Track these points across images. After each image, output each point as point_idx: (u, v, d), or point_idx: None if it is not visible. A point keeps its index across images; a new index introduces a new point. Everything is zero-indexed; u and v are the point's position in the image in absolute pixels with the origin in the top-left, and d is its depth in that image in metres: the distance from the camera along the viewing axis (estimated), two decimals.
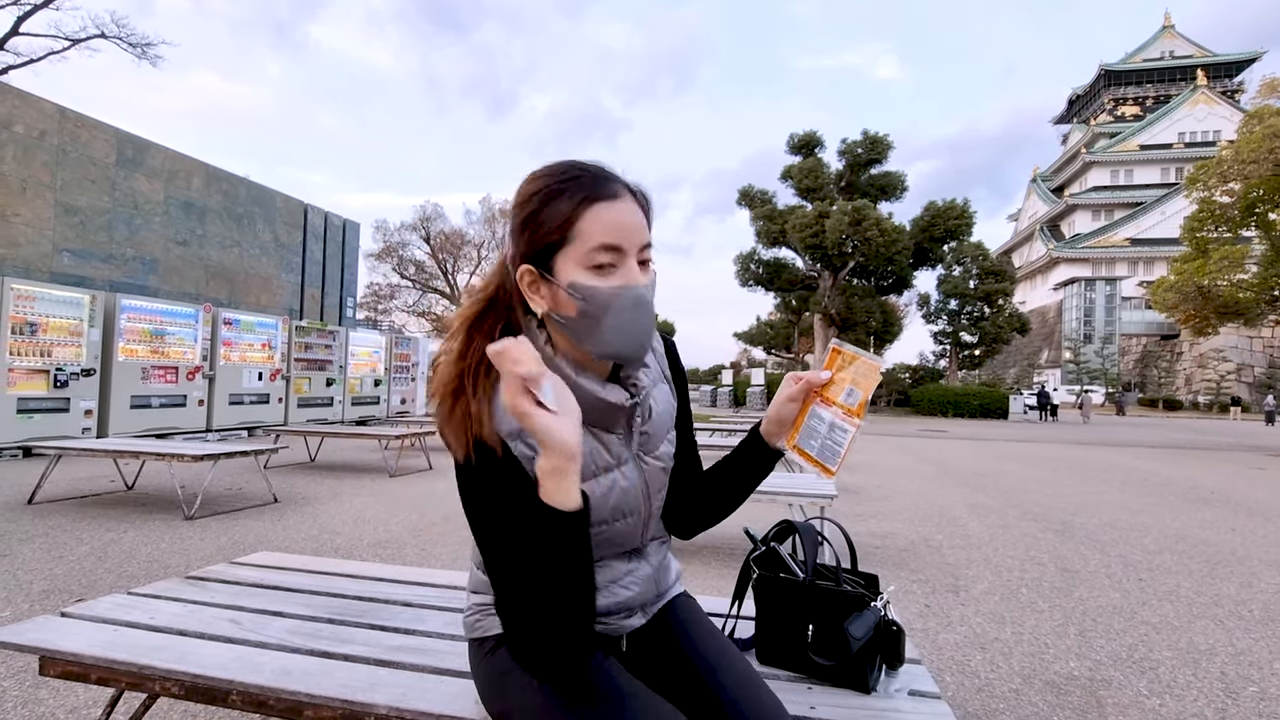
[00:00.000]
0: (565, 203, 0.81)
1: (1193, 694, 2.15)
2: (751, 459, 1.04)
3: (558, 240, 0.81)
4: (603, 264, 0.81)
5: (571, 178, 0.83)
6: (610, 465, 0.92)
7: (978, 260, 27.53)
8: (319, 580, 1.71)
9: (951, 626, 2.71)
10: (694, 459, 1.11)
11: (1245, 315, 15.04)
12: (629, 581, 0.99)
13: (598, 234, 0.80)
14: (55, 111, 9.22)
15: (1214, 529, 4.95)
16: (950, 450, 11.30)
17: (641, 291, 0.83)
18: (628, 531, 0.96)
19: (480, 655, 0.99)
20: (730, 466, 1.06)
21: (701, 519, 1.09)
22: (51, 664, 1.25)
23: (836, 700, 1.12)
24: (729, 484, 1.06)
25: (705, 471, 1.10)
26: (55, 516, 4.26)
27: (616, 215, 0.81)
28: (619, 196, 0.82)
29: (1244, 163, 13.70)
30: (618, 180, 0.84)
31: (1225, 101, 49.09)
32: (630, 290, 0.82)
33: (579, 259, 0.81)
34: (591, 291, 0.81)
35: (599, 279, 0.81)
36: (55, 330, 7.55)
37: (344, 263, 15.40)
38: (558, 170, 0.84)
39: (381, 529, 4.21)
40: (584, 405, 0.81)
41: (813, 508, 3.67)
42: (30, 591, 2.80)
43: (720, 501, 1.07)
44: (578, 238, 0.81)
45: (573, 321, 0.83)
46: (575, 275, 0.81)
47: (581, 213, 0.81)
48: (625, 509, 0.93)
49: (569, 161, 0.85)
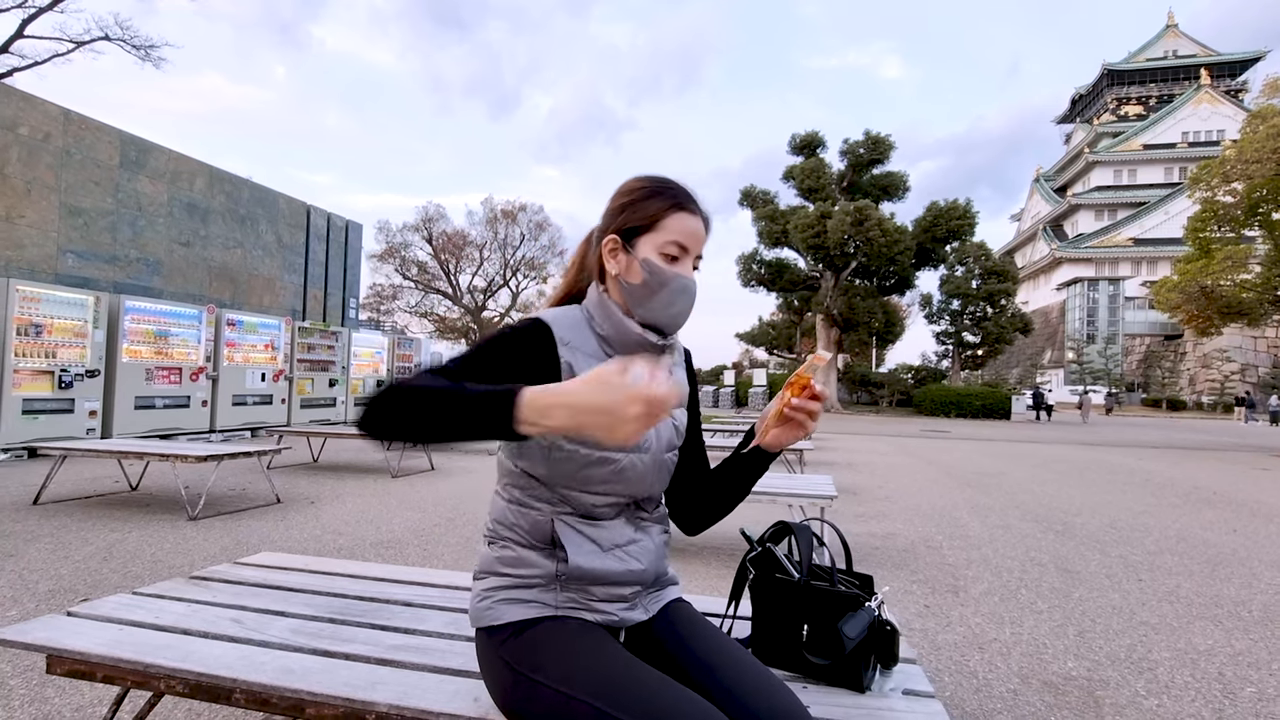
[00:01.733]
0: (660, 201, 1.05)
1: (1190, 694, 2.16)
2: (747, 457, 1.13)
3: (644, 226, 1.05)
4: (671, 255, 1.05)
5: (669, 186, 1.07)
6: None
7: (980, 260, 27.47)
8: (321, 580, 1.73)
9: (950, 627, 2.72)
10: (702, 457, 1.23)
11: (1249, 315, 14.99)
12: (636, 551, 1.06)
13: (674, 232, 1.05)
14: (59, 114, 9.27)
15: (1215, 530, 4.95)
16: (952, 451, 11.29)
17: (690, 282, 1.07)
18: (640, 470, 1.05)
19: (491, 646, 1.01)
20: (731, 465, 1.15)
21: (707, 513, 1.19)
22: (58, 662, 1.27)
23: (831, 699, 1.13)
24: (731, 480, 1.15)
25: (710, 471, 1.20)
26: (60, 517, 4.29)
27: (691, 225, 1.06)
28: (695, 213, 1.07)
29: (1247, 162, 13.66)
30: (698, 202, 1.09)
31: (1229, 101, 48.95)
32: (684, 278, 1.06)
33: (656, 245, 1.05)
34: (658, 269, 1.04)
35: (664, 264, 1.04)
36: (60, 331, 7.59)
37: (346, 264, 15.44)
38: (660, 179, 1.09)
39: (383, 529, 4.23)
40: (622, 338, 1.06)
41: (812, 508, 3.68)
42: (36, 591, 2.82)
43: (723, 497, 1.16)
44: (659, 230, 1.05)
45: (635, 288, 1.05)
46: (649, 254, 1.04)
47: (668, 213, 1.05)
48: (639, 443, 1.04)
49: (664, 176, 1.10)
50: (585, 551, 1.01)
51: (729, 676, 0.95)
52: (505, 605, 1.01)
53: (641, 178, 1.10)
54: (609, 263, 1.08)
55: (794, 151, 28.35)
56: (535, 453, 1.02)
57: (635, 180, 1.10)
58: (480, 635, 1.04)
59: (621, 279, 1.06)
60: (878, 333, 27.87)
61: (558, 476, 1.02)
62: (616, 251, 1.07)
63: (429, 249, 34.59)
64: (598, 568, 1.01)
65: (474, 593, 1.07)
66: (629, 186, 1.09)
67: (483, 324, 34.09)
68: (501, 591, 1.03)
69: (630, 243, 1.06)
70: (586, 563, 1.01)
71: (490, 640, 1.01)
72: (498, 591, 1.03)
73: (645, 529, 1.11)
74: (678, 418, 1.13)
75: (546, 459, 1.01)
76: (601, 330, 1.07)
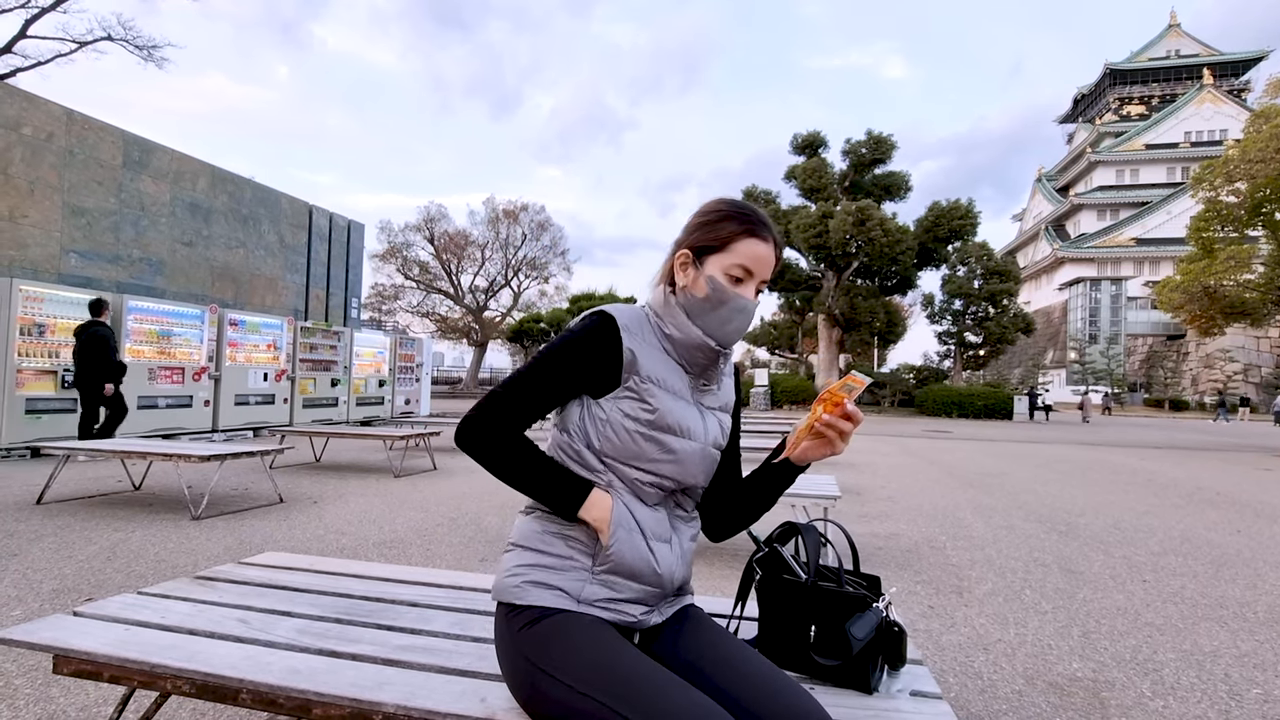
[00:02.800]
0: (732, 225, 1.12)
1: (1196, 696, 2.15)
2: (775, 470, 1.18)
3: (715, 246, 1.12)
4: (736, 276, 1.12)
5: (744, 212, 1.13)
6: (682, 394, 1.15)
7: (982, 260, 27.41)
8: (326, 580, 1.73)
9: (955, 627, 2.72)
10: (736, 465, 1.28)
11: (1252, 315, 14.96)
12: (667, 553, 1.12)
13: (742, 256, 1.11)
14: (62, 114, 9.28)
15: (1220, 530, 4.93)
16: (954, 451, 11.27)
17: (749, 303, 1.13)
18: (688, 455, 1.12)
19: (510, 628, 1.04)
20: (759, 476, 1.20)
21: (733, 521, 1.24)
22: (65, 662, 1.26)
23: (838, 700, 1.13)
24: (757, 490, 1.20)
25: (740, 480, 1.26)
26: (64, 516, 4.29)
27: (760, 251, 1.12)
28: (765, 240, 1.12)
29: (1250, 162, 13.63)
30: (770, 229, 1.14)
31: (1232, 100, 48.84)
32: (743, 299, 1.12)
33: (723, 265, 1.11)
34: (721, 287, 1.11)
35: (734, 285, 1.11)
36: (63, 331, 7.60)
37: (348, 263, 15.46)
38: (738, 204, 1.15)
39: (387, 529, 4.23)
40: (683, 338, 1.13)
41: (816, 509, 3.68)
42: (40, 591, 2.83)
43: (749, 506, 1.22)
44: (729, 252, 1.11)
45: (698, 301, 1.12)
46: (715, 273, 1.11)
47: (739, 238, 1.11)
48: (690, 428, 1.13)
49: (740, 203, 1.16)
50: (625, 535, 1.07)
51: (746, 679, 0.95)
52: (533, 588, 1.05)
53: (722, 201, 1.17)
54: (679, 274, 1.15)
55: (796, 151, 28.34)
56: (591, 428, 1.11)
57: (716, 203, 1.17)
58: (501, 609, 1.08)
59: (688, 290, 1.14)
60: (879, 333, 27.85)
61: (609, 448, 1.10)
62: (687, 265, 1.14)
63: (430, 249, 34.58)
64: (634, 563, 1.08)
65: (503, 565, 1.11)
66: (709, 208, 1.17)
67: (484, 324, 34.06)
68: (533, 571, 1.07)
69: (700, 260, 1.13)
70: (628, 552, 1.07)
71: (509, 621, 1.04)
72: (529, 570, 1.07)
73: (679, 528, 1.17)
74: (721, 420, 1.20)
75: (601, 433, 1.10)
76: (666, 330, 1.15)
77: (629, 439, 1.09)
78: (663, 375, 1.12)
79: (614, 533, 1.06)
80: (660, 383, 1.12)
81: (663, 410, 1.10)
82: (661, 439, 1.10)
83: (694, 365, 1.17)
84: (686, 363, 1.17)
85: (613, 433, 1.10)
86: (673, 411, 1.11)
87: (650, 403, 1.10)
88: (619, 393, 1.10)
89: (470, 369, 35.64)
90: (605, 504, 1.07)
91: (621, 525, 1.07)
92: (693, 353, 1.15)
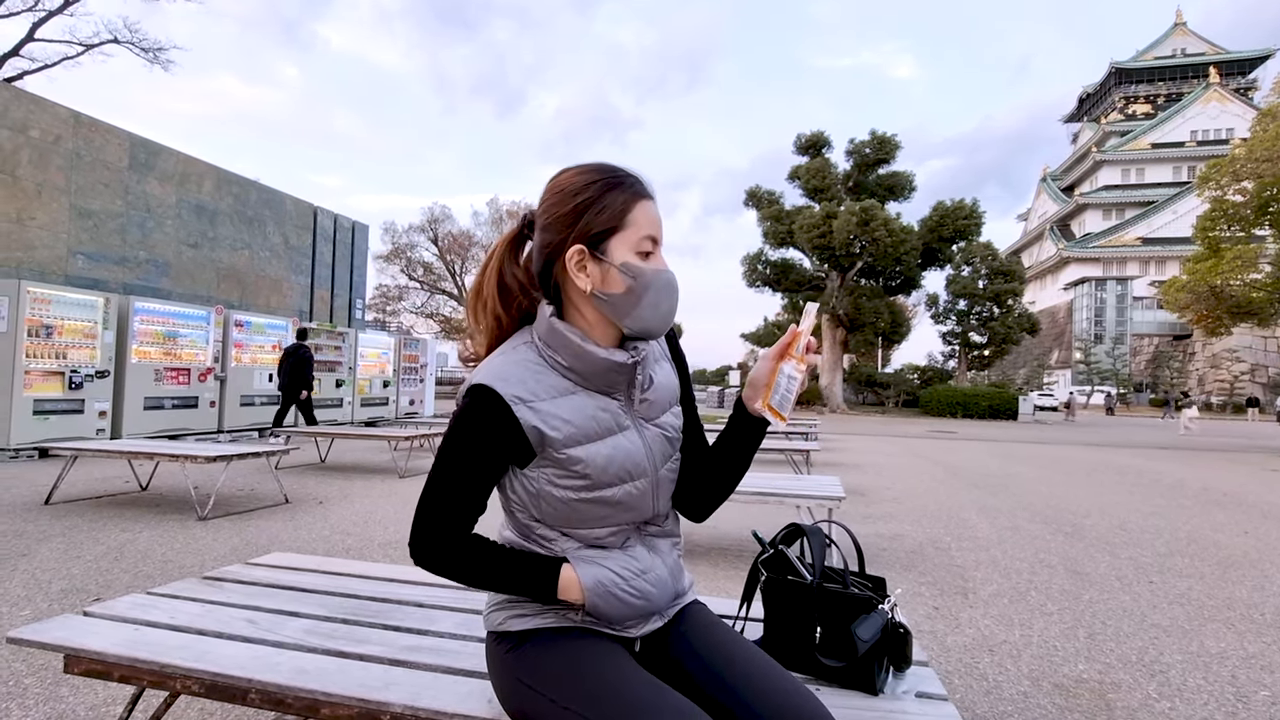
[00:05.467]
0: (622, 194, 0.94)
1: (1203, 698, 2.14)
2: (739, 429, 1.05)
3: (614, 226, 0.93)
4: (645, 251, 0.95)
5: (622, 175, 0.96)
6: (613, 429, 0.99)
7: (987, 260, 27.37)
8: (332, 581, 1.74)
9: (960, 629, 2.71)
10: (699, 437, 1.13)
11: (1259, 315, 14.88)
12: (653, 580, 1.02)
13: (644, 225, 0.95)
14: (69, 116, 9.34)
15: (1226, 531, 4.91)
16: (959, 451, 11.24)
17: (672, 275, 0.97)
18: (638, 497, 1.00)
19: (499, 651, 1.01)
20: (724, 440, 1.07)
21: (709, 496, 1.10)
22: (75, 662, 1.28)
23: (844, 701, 1.13)
24: (726, 457, 1.07)
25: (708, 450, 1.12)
26: (72, 517, 4.32)
27: (655, 213, 0.97)
28: (653, 198, 0.97)
29: (1257, 161, 13.56)
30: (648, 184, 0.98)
31: (1238, 99, 48.60)
32: (665, 273, 0.96)
33: (631, 244, 0.94)
34: (640, 271, 0.94)
35: (644, 263, 0.95)
36: (70, 333, 7.65)
37: (353, 264, 15.50)
38: (605, 167, 0.97)
39: (392, 530, 4.24)
40: (589, 369, 0.96)
41: (821, 510, 3.68)
42: (49, 590, 2.85)
43: (722, 476, 1.08)
44: (629, 226, 0.94)
45: (619, 298, 0.94)
46: (627, 257, 0.94)
47: (633, 205, 0.94)
48: (631, 471, 0.98)
49: (606, 163, 0.98)
50: (606, 596, 0.96)
51: (749, 679, 0.94)
52: (516, 619, 1.01)
53: (586, 169, 0.96)
54: (577, 278, 0.94)
55: (799, 152, 28.32)
56: (525, 499, 0.99)
57: (578, 174, 0.96)
58: (490, 637, 1.05)
59: (597, 292, 0.94)
60: (884, 333, 27.81)
61: (553, 518, 0.99)
62: (585, 263, 0.94)
63: (434, 250, 34.70)
64: (622, 613, 0.99)
65: (489, 599, 1.07)
66: (575, 184, 0.95)
67: None
68: (515, 606, 1.02)
69: (599, 249, 0.93)
70: (614, 611, 0.97)
71: (498, 645, 1.01)
72: (512, 605, 1.02)
73: (659, 547, 1.06)
74: (669, 426, 1.05)
75: (536, 505, 0.98)
76: (565, 361, 0.96)
77: (568, 509, 0.96)
78: (583, 423, 0.95)
79: (593, 603, 0.96)
80: (584, 435, 0.95)
81: (596, 468, 0.95)
82: (604, 496, 0.96)
83: (616, 386, 0.99)
84: (606, 389, 0.99)
85: (549, 505, 0.97)
86: (612, 461, 0.96)
87: (577, 469, 0.94)
88: (540, 462, 0.96)
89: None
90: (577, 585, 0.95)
91: (599, 593, 0.96)
92: (608, 376, 0.98)
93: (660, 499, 1.04)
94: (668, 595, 1.05)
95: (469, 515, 0.96)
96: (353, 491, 5.62)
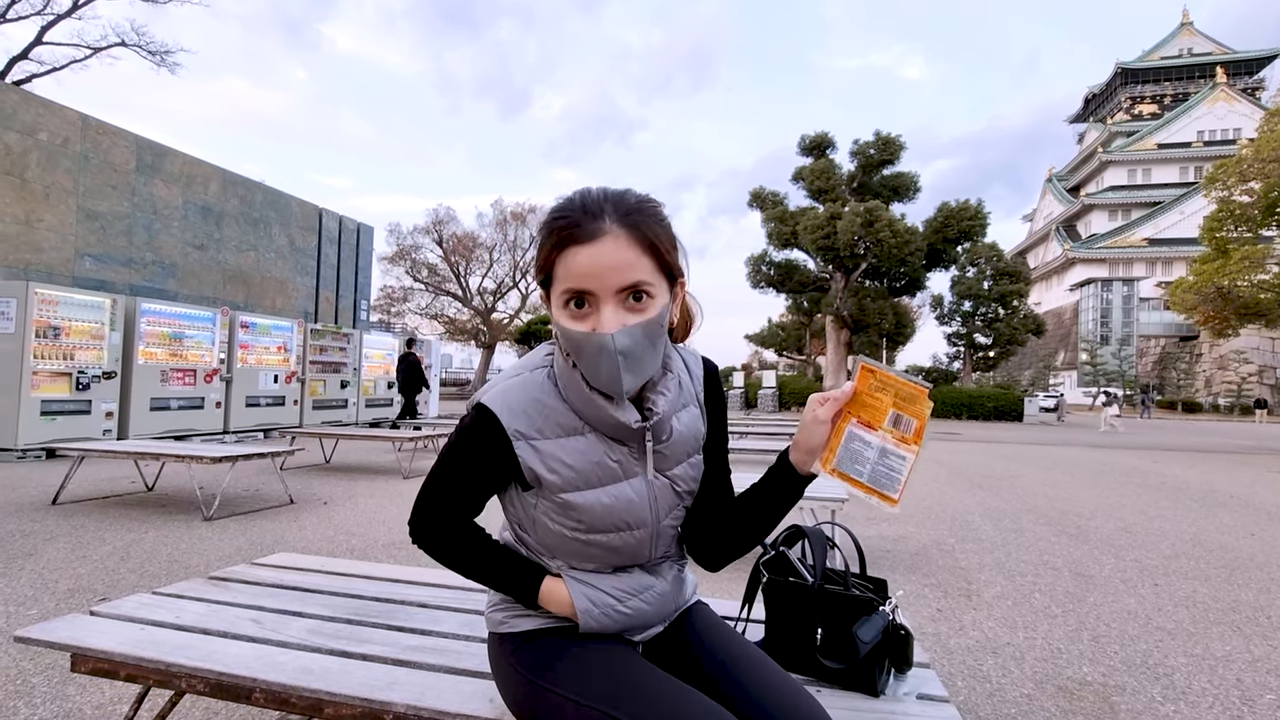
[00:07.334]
0: (545, 247, 0.85)
1: (1208, 701, 2.13)
2: (778, 484, 0.95)
3: (544, 280, 0.88)
4: (576, 306, 0.84)
5: (552, 220, 0.85)
6: (618, 477, 0.94)
7: (992, 261, 27.26)
8: (337, 581, 1.75)
9: (963, 631, 2.70)
10: (725, 488, 1.06)
11: (1266, 316, 14.78)
12: (652, 598, 1.01)
13: (564, 279, 0.83)
14: (77, 119, 9.41)
15: (1232, 534, 4.88)
16: (964, 453, 11.21)
17: (603, 340, 0.81)
18: (634, 544, 0.97)
19: (503, 651, 1.01)
20: (757, 493, 0.98)
21: (729, 548, 1.03)
22: (82, 661, 1.29)
23: (845, 703, 1.13)
24: (756, 510, 0.98)
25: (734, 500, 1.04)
26: (78, 517, 4.35)
27: (587, 259, 0.81)
28: (595, 238, 0.81)
29: (1265, 161, 13.48)
30: (604, 218, 0.82)
31: (1245, 99, 48.28)
32: (592, 338, 0.82)
33: (558, 299, 0.85)
34: (565, 332, 0.85)
35: (574, 321, 0.84)
36: (77, 334, 7.70)
37: (358, 266, 15.57)
38: (550, 212, 0.87)
39: (395, 530, 4.26)
40: (598, 421, 0.91)
41: (823, 511, 3.67)
42: (56, 590, 2.87)
43: (748, 531, 1.00)
44: (555, 281, 0.85)
45: (569, 355, 0.89)
46: (558, 314, 0.86)
47: (555, 258, 0.84)
48: (631, 521, 0.95)
49: (565, 200, 0.86)
50: (598, 614, 0.96)
51: (748, 679, 0.94)
52: (518, 619, 1.01)
53: (552, 208, 0.88)
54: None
55: (803, 152, 28.30)
56: (522, 518, 0.99)
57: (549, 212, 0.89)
58: (493, 639, 1.05)
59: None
60: (888, 334, 27.70)
61: (548, 546, 0.98)
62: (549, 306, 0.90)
63: (439, 251, 34.76)
64: (618, 627, 0.98)
65: (489, 599, 1.07)
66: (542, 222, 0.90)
67: (492, 326, 34.19)
68: (516, 605, 1.02)
69: (548, 297, 0.89)
70: (608, 625, 0.97)
71: (502, 646, 1.01)
72: (513, 605, 1.02)
73: (661, 570, 1.04)
74: (681, 479, 0.98)
75: (532, 530, 0.98)
76: (575, 404, 0.91)
77: (562, 541, 0.95)
78: (585, 469, 0.90)
79: (587, 624, 0.95)
80: (584, 482, 0.91)
81: (593, 516, 0.91)
82: (599, 540, 0.93)
83: (622, 432, 0.92)
84: (611, 434, 0.93)
85: (543, 534, 0.96)
86: (612, 511, 0.92)
87: (573, 515, 0.91)
88: (535, 496, 0.94)
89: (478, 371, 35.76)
90: (561, 595, 0.94)
91: (591, 615, 0.94)
92: (618, 431, 0.92)
93: (658, 546, 1.00)
94: (668, 609, 1.05)
95: (467, 506, 0.98)
96: (357, 492, 5.64)
